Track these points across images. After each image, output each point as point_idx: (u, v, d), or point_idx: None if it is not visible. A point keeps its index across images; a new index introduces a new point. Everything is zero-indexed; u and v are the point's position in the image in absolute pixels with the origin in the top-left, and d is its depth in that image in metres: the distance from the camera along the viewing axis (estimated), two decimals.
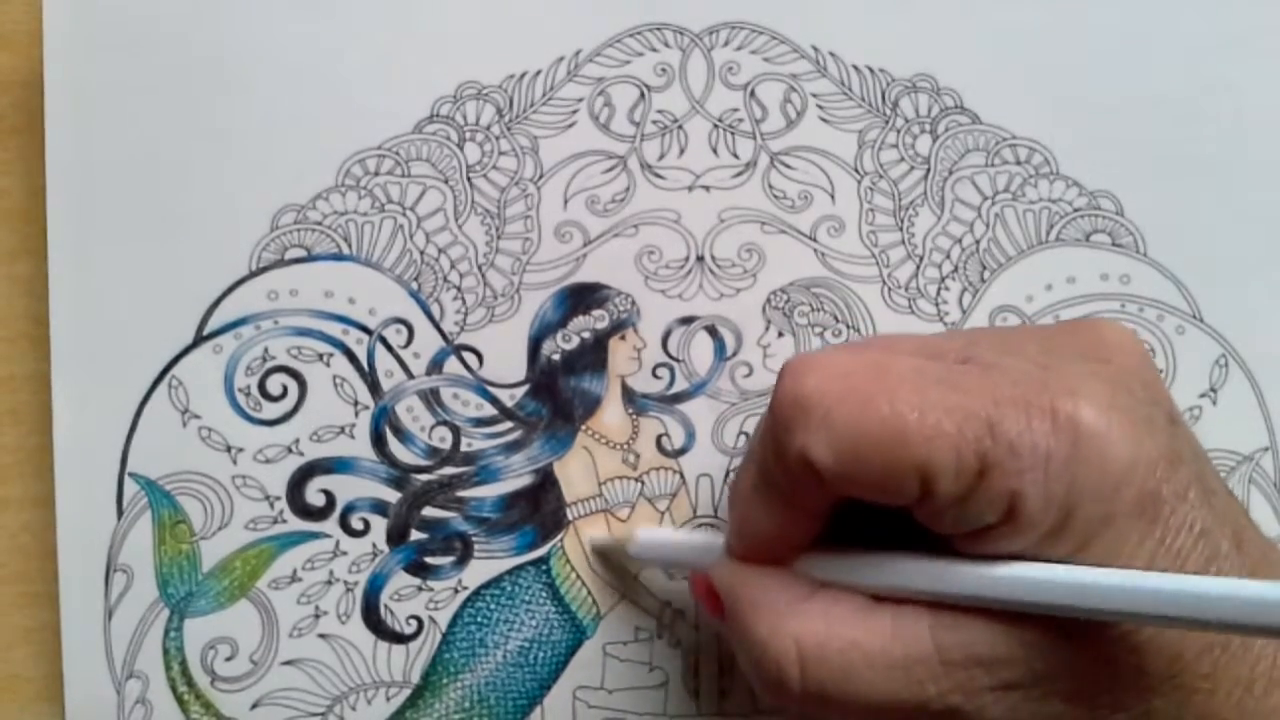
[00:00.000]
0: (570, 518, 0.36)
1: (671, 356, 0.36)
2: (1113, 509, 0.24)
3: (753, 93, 0.36)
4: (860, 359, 0.26)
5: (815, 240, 0.36)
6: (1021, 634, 0.25)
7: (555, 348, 0.36)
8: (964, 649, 0.25)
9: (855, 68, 0.36)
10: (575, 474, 0.36)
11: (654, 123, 0.36)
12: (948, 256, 0.36)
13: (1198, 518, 0.24)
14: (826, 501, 0.26)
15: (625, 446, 0.36)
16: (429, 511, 0.35)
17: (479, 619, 0.35)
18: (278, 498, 0.35)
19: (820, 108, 0.36)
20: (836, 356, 0.26)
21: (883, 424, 0.24)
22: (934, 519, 0.25)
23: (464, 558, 0.35)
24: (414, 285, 0.36)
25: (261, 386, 0.36)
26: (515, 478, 0.36)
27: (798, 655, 0.26)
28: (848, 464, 0.24)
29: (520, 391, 0.36)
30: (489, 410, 0.36)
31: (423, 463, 0.36)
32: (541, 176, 0.36)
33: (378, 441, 0.35)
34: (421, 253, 0.36)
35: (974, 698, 0.25)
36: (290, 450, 0.35)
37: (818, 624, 0.26)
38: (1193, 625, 0.23)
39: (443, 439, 0.36)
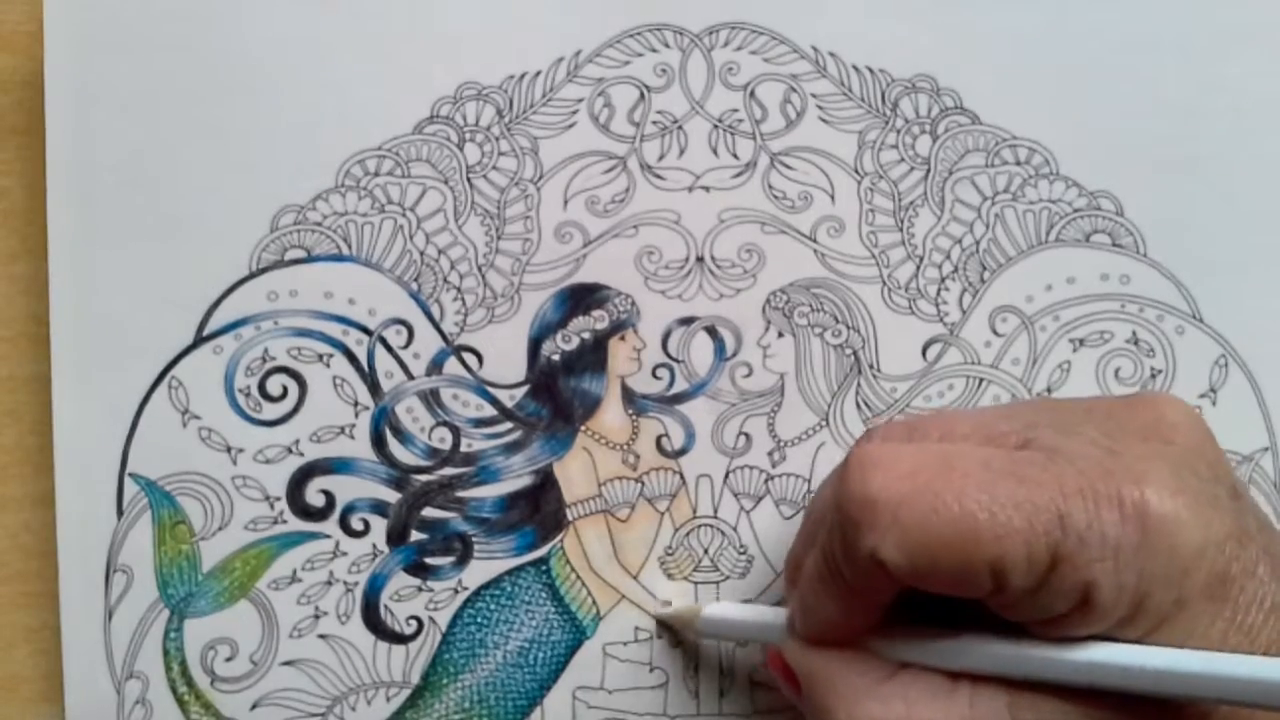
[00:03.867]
0: (570, 518, 0.36)
1: (671, 357, 0.36)
2: (1184, 593, 0.24)
3: (753, 93, 0.36)
4: (925, 454, 0.26)
5: (815, 241, 0.36)
6: (1100, 715, 0.25)
7: (555, 348, 0.36)
8: None
9: (855, 68, 0.36)
10: (575, 474, 0.36)
11: (654, 123, 0.36)
12: (948, 257, 0.36)
13: (1268, 593, 0.25)
14: (893, 592, 0.27)
15: (625, 447, 0.36)
16: (429, 512, 0.35)
17: (479, 619, 0.35)
18: (278, 498, 0.35)
19: (820, 108, 0.36)
20: (901, 452, 0.26)
21: (953, 524, 0.24)
22: (1007, 609, 0.25)
23: (464, 558, 0.35)
24: (414, 286, 0.36)
25: (261, 387, 0.36)
26: (515, 478, 0.36)
27: None
28: (919, 563, 0.25)
29: (520, 392, 0.36)
30: (489, 411, 0.36)
31: (423, 463, 0.36)
32: (541, 177, 0.36)
33: (378, 442, 0.35)
34: (421, 253, 0.36)
35: None
36: (290, 451, 0.35)
37: (897, 707, 0.26)
38: (1269, 708, 0.23)
39: (442, 439, 0.36)
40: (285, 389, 0.36)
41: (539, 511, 0.36)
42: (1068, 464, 0.25)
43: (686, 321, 0.36)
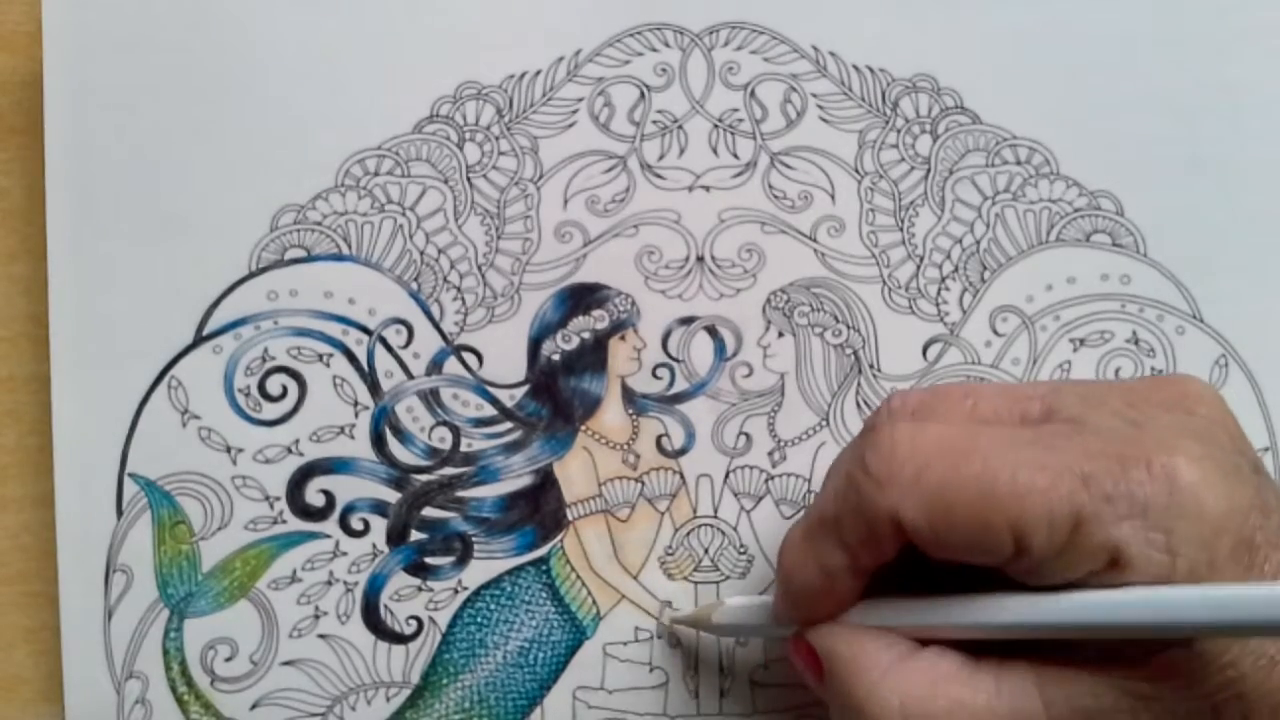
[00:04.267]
0: (570, 518, 0.36)
1: (671, 357, 0.36)
2: (1213, 556, 0.24)
3: (753, 93, 0.36)
4: (952, 423, 0.26)
5: (815, 240, 0.36)
6: (1127, 683, 0.25)
7: (555, 348, 0.36)
8: (1070, 702, 0.25)
9: (855, 68, 0.36)
10: (575, 474, 0.36)
11: (654, 123, 0.36)
12: (948, 256, 0.36)
13: None
14: (888, 558, 0.26)
15: (625, 447, 0.36)
16: (429, 512, 0.35)
17: (479, 619, 0.35)
18: (277, 498, 0.35)
19: (820, 108, 0.36)
20: (928, 421, 0.26)
21: (976, 482, 0.24)
22: (1030, 574, 0.25)
23: (464, 558, 0.35)
24: (414, 285, 0.36)
25: (261, 387, 0.36)
26: (515, 478, 0.36)
27: (901, 716, 0.26)
28: (939, 525, 0.25)
29: (520, 392, 0.36)
30: (489, 410, 0.36)
31: (423, 463, 0.36)
32: (541, 176, 0.36)
33: (378, 442, 0.35)
34: (421, 253, 0.36)
35: None
36: (290, 450, 0.35)
37: (920, 683, 0.26)
38: None
39: (442, 439, 0.36)
40: (285, 389, 0.36)
41: (539, 511, 0.36)
42: (1093, 434, 0.25)
43: (686, 321, 0.36)
